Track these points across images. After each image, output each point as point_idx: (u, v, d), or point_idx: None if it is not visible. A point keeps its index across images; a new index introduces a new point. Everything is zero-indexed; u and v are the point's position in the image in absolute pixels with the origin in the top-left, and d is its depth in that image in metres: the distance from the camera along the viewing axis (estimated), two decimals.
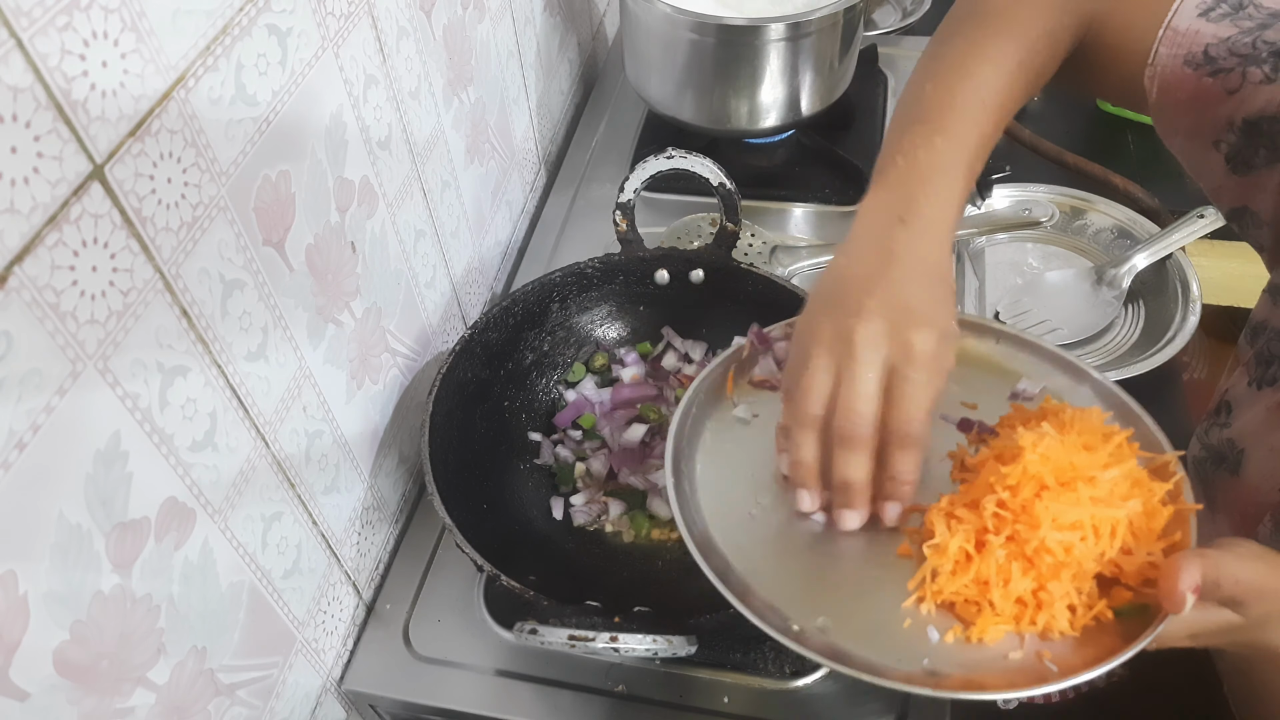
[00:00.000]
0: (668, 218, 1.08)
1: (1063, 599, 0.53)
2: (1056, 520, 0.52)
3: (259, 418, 0.62)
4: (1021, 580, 0.53)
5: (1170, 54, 0.64)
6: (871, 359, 0.55)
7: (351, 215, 0.72)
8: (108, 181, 0.47)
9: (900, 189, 0.60)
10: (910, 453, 0.56)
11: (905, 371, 0.55)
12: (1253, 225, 0.67)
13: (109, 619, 0.50)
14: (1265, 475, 0.65)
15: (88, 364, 0.47)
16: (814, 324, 0.58)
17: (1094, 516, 0.53)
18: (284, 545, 0.67)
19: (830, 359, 0.56)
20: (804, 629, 0.54)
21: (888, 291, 0.56)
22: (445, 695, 0.75)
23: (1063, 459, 0.54)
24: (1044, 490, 0.53)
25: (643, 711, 0.74)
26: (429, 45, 0.83)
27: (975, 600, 0.54)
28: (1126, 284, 1.14)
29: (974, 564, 0.54)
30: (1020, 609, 0.53)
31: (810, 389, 0.56)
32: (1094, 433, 0.56)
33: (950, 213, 0.60)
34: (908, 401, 0.55)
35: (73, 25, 0.44)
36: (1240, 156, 0.64)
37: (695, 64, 1.05)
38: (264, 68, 0.59)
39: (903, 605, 0.55)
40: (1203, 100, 0.64)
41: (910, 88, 0.66)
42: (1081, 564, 0.53)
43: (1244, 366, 0.69)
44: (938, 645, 0.54)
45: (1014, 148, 1.33)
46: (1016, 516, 0.53)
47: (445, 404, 0.79)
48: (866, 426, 0.55)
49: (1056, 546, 0.52)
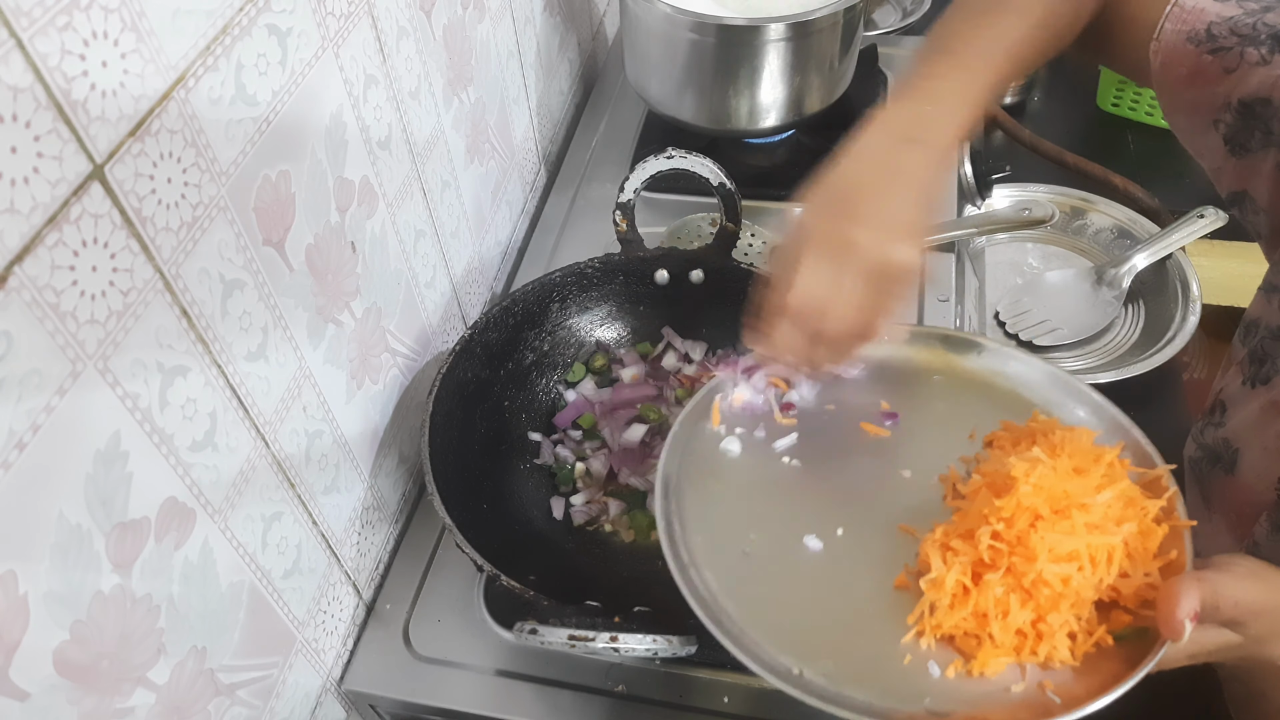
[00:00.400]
0: (668, 218, 1.08)
1: (1062, 629, 0.52)
2: (1053, 551, 0.52)
3: (259, 418, 0.62)
4: (1020, 612, 0.52)
5: (1175, 29, 0.66)
6: (859, 269, 0.59)
7: (351, 215, 0.72)
8: (108, 181, 0.47)
9: (915, 107, 0.64)
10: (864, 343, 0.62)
11: (885, 284, 0.59)
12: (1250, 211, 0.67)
13: (109, 619, 0.50)
14: (1260, 474, 0.65)
15: (88, 364, 0.47)
16: (814, 221, 0.61)
17: (1090, 545, 0.52)
18: (284, 545, 0.67)
19: (822, 260, 0.59)
20: (804, 674, 0.53)
21: (889, 205, 0.60)
22: (445, 695, 0.75)
23: (1056, 487, 0.53)
24: (1038, 520, 0.53)
25: (643, 711, 0.74)
26: (429, 45, 0.83)
27: (974, 633, 0.53)
28: (1126, 284, 1.14)
29: (972, 597, 0.53)
30: (1020, 640, 0.53)
31: (799, 286, 0.60)
32: (1085, 454, 0.56)
33: (956, 140, 0.64)
34: (881, 309, 0.60)
35: (73, 25, 0.44)
36: (1237, 138, 0.65)
37: (695, 64, 1.05)
38: (264, 68, 0.59)
39: (902, 640, 0.54)
40: (1201, 77, 0.65)
41: (943, 21, 0.70)
42: (1080, 593, 0.52)
43: (1238, 365, 0.69)
44: (939, 681, 0.53)
45: (1014, 148, 1.33)
46: (1013, 549, 0.53)
47: (445, 404, 0.79)
48: (849, 333, 0.60)
49: (1054, 579, 0.52)
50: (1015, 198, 1.22)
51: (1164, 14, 0.67)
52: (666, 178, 0.86)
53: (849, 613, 0.57)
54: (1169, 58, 0.67)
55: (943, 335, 0.70)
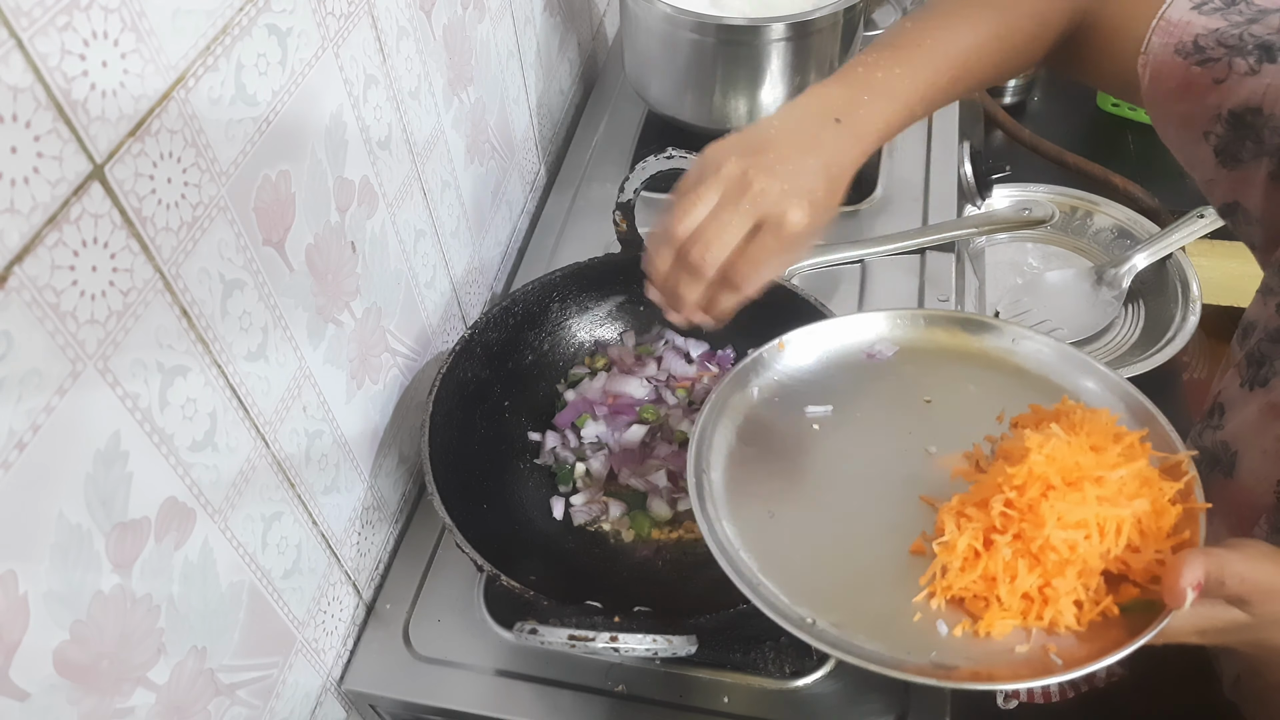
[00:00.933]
0: None
1: (1068, 595, 0.53)
2: (1061, 519, 0.53)
3: (259, 418, 0.62)
4: (1028, 576, 0.54)
5: (1162, 43, 0.66)
6: (750, 211, 0.60)
7: (351, 215, 0.72)
8: (108, 181, 0.47)
9: (849, 92, 0.65)
10: (736, 298, 0.63)
11: (770, 239, 0.61)
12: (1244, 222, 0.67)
13: (109, 619, 0.50)
14: (1259, 477, 0.65)
15: (88, 364, 0.47)
16: (723, 156, 0.62)
17: (1099, 515, 0.53)
18: (284, 545, 0.67)
19: (716, 194, 0.61)
20: (817, 623, 0.55)
21: (798, 168, 0.61)
22: (445, 695, 0.75)
23: (1069, 459, 0.55)
24: (1050, 490, 0.54)
25: (643, 711, 0.74)
26: (429, 45, 0.83)
27: (983, 596, 0.55)
28: (1126, 284, 1.14)
29: (982, 560, 0.55)
30: (1027, 604, 0.54)
31: (686, 213, 0.61)
32: (1103, 434, 0.57)
33: (880, 132, 0.66)
34: (758, 262, 0.61)
35: (73, 25, 0.44)
36: (1229, 149, 0.65)
37: (695, 64, 1.05)
38: (264, 68, 0.59)
39: (913, 600, 0.56)
40: (1191, 89, 0.65)
41: (898, 22, 0.72)
42: (1087, 561, 0.53)
43: (1235, 367, 0.69)
44: (946, 639, 0.55)
45: (1014, 148, 1.33)
46: (1023, 515, 0.54)
47: (445, 404, 0.79)
48: (711, 269, 0.61)
49: (1061, 544, 0.53)
50: (1015, 198, 1.22)
51: (1150, 28, 0.67)
52: (666, 178, 0.86)
53: (864, 572, 0.59)
54: (1158, 71, 0.67)
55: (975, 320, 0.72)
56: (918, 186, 1.09)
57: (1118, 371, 0.66)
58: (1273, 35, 0.62)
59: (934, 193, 1.08)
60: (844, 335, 0.72)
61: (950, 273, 1.00)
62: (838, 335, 0.72)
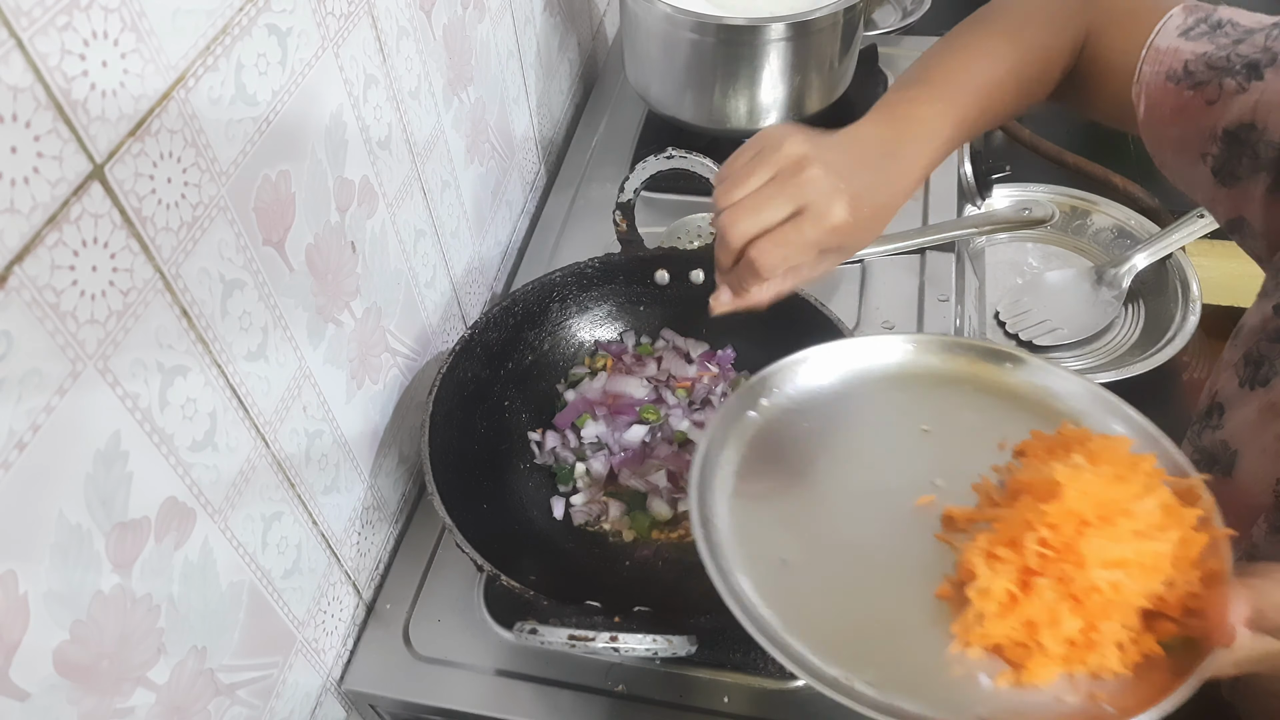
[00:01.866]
0: (668, 218, 1.08)
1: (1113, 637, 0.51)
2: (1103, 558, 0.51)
3: (259, 418, 0.62)
4: (1070, 620, 0.51)
5: (1153, 70, 0.68)
6: (797, 195, 0.61)
7: (351, 215, 0.72)
8: (108, 181, 0.47)
9: (894, 129, 0.67)
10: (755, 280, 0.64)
11: (807, 225, 0.61)
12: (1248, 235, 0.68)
13: (109, 619, 0.50)
14: (1258, 477, 0.65)
15: (88, 364, 0.47)
16: (785, 139, 0.63)
17: (1138, 551, 0.51)
18: (284, 545, 0.67)
19: (769, 172, 0.62)
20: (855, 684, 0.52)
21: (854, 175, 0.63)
22: (445, 695, 0.75)
23: (1101, 493, 0.52)
24: (1085, 527, 0.52)
25: (643, 711, 0.74)
26: (429, 45, 0.83)
27: (1023, 642, 0.52)
28: (1126, 284, 1.14)
29: (1020, 605, 0.52)
30: (1070, 649, 0.52)
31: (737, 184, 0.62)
32: (1123, 462, 0.55)
33: (926, 166, 0.68)
34: (787, 246, 0.61)
35: (73, 25, 0.44)
36: (1226, 168, 0.66)
37: (695, 64, 1.05)
38: (264, 68, 0.59)
39: (948, 651, 0.53)
40: (1186, 113, 0.67)
41: (924, 57, 0.74)
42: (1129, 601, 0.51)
43: (1233, 368, 0.69)
44: (990, 692, 0.52)
45: (1014, 148, 1.33)
46: (1062, 555, 0.52)
47: (445, 404, 0.79)
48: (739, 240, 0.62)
49: (1105, 585, 0.51)
50: (1015, 198, 1.22)
51: (1140, 58, 0.69)
52: (666, 177, 0.86)
53: (889, 622, 0.56)
54: (1152, 98, 0.69)
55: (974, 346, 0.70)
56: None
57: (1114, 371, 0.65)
58: (1258, 53, 0.64)
59: (934, 192, 1.08)
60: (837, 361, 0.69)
61: (950, 272, 1.00)
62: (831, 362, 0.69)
